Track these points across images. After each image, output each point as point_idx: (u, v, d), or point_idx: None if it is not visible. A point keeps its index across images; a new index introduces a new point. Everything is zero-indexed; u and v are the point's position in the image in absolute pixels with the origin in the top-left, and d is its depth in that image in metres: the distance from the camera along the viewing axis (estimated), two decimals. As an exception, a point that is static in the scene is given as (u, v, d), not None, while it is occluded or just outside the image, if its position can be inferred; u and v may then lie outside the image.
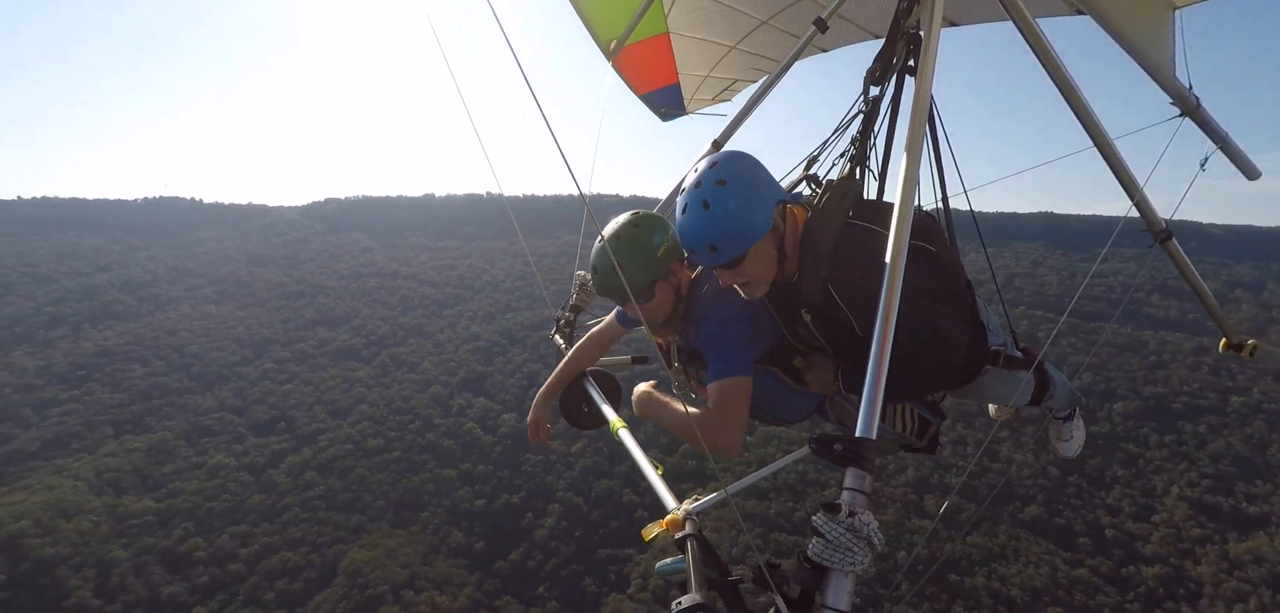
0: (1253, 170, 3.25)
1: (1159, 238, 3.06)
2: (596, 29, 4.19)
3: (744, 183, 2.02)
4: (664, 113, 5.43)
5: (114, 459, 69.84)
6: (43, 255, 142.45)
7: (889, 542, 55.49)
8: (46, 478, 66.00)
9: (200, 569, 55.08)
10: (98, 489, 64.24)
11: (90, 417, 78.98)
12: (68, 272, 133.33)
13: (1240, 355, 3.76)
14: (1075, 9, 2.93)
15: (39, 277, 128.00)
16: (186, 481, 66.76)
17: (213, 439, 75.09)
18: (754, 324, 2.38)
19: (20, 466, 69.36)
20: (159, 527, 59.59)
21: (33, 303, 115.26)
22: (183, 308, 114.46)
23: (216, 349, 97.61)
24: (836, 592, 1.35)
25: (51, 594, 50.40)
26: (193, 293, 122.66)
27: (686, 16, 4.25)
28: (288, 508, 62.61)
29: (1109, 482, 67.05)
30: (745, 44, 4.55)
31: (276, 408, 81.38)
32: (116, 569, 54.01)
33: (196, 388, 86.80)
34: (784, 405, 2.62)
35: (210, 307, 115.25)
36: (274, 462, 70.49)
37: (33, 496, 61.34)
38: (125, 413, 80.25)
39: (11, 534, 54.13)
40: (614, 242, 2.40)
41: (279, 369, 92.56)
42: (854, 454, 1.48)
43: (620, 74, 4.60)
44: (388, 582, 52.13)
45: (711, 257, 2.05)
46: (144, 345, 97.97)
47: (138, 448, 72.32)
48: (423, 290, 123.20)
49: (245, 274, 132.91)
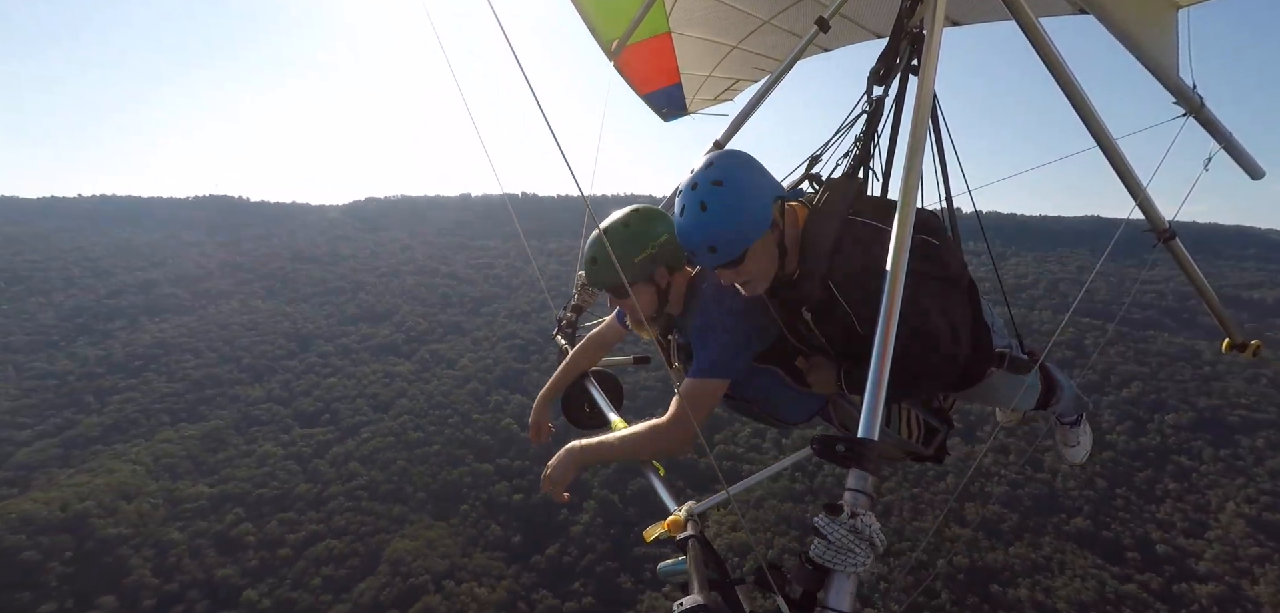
0: (1257, 170, 3.23)
1: (1162, 238, 3.06)
2: (598, 29, 4.17)
3: (740, 182, 2.03)
4: (666, 113, 5.40)
5: (170, 446, 72.90)
6: (102, 250, 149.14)
7: (928, 550, 54.77)
8: (108, 462, 69.24)
9: (251, 553, 57.17)
10: (155, 474, 67.16)
11: (148, 404, 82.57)
12: (125, 266, 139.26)
13: (1244, 356, 3.72)
14: (1078, 8, 2.92)
15: (99, 270, 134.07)
16: (237, 467, 69.28)
17: (261, 429, 77.78)
18: (751, 324, 2.36)
19: (84, 449, 72.97)
20: (212, 511, 61.99)
21: (93, 295, 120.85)
22: (233, 302, 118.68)
23: (264, 342, 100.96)
24: (839, 593, 1.36)
25: (114, 572, 52.93)
26: (242, 288, 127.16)
27: (688, 16, 4.23)
28: (333, 497, 64.49)
29: (1160, 495, 64.83)
30: (747, 44, 4.56)
31: (321, 400, 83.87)
32: (173, 550, 56.39)
33: (246, 379, 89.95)
34: (786, 406, 2.61)
35: (258, 301, 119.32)
36: (319, 452, 72.73)
37: (96, 478, 64.42)
38: (180, 402, 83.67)
39: (77, 514, 57.00)
40: (606, 235, 2.37)
41: (323, 363, 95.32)
42: (856, 455, 1.48)
43: (622, 74, 4.58)
44: (429, 572, 53.35)
45: (710, 257, 2.05)
46: (197, 337, 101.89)
47: (192, 435, 75.35)
48: (460, 288, 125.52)
49: (290, 270, 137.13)
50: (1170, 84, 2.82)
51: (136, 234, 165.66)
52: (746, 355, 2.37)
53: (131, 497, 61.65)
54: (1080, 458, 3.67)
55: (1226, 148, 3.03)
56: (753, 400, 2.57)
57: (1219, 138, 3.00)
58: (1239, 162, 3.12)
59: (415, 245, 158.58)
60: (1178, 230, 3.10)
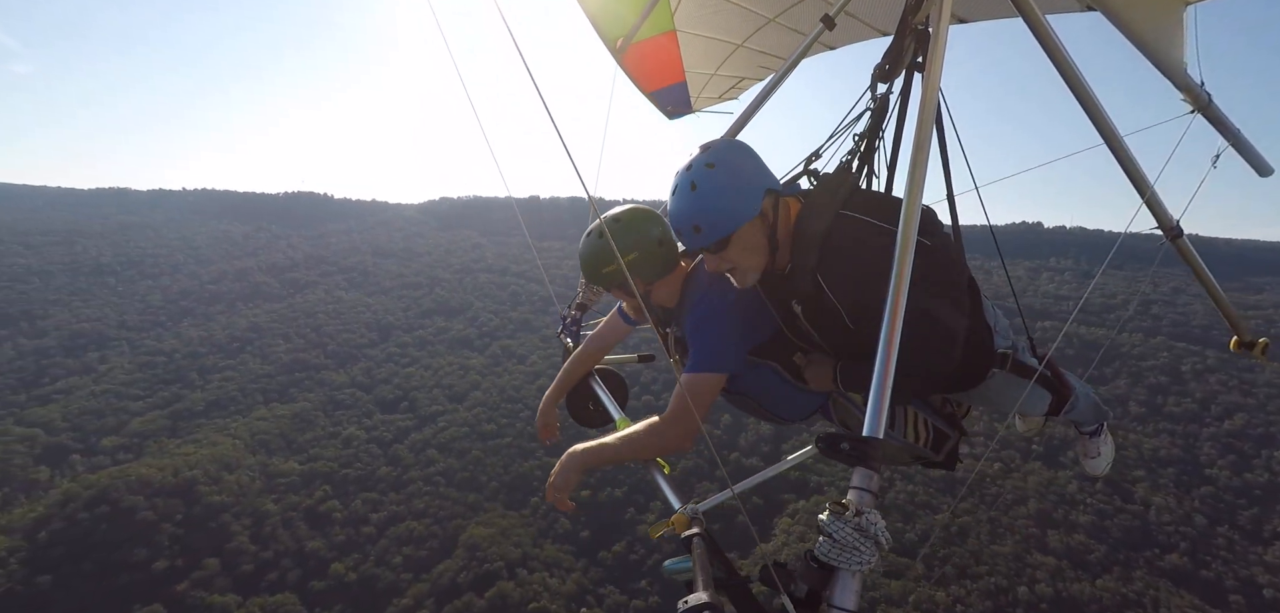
0: (1265, 167, 3.19)
1: (1170, 236, 3.02)
2: (603, 27, 4.17)
3: (733, 167, 2.04)
4: (670, 111, 5.37)
5: (264, 423, 78.04)
6: (203, 240, 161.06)
7: (1009, 576, 52.81)
8: (211, 435, 74.81)
9: (337, 528, 60.63)
10: (252, 448, 72.11)
11: (245, 383, 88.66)
12: (223, 255, 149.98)
13: (1252, 355, 3.64)
14: (1086, 5, 2.88)
15: (201, 259, 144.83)
16: (324, 447, 73.52)
17: (345, 412, 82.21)
18: (746, 317, 2.35)
19: (190, 422, 79.10)
20: (302, 486, 66.07)
21: (196, 281, 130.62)
22: (318, 292, 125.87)
23: (347, 331, 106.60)
24: (844, 591, 1.36)
25: (217, 537, 57.21)
26: (326, 278, 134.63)
27: (693, 14, 4.22)
28: (412, 481, 67.56)
29: (1268, 537, 60.19)
30: (752, 41, 4.52)
31: (400, 389, 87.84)
32: (268, 521, 60.44)
33: (331, 365, 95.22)
34: (785, 403, 2.57)
35: (341, 293, 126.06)
36: (399, 438, 76.31)
37: (201, 449, 69.71)
38: (273, 383, 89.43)
39: (186, 480, 61.88)
40: (598, 231, 2.41)
41: (402, 353, 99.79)
42: (861, 454, 1.49)
43: (627, 72, 4.57)
44: (503, 559, 55.19)
45: (696, 238, 2.05)
46: (287, 324, 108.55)
47: (284, 414, 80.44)
48: (529, 287, 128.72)
49: (370, 264, 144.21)
50: (1178, 81, 2.80)
51: (233, 225, 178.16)
52: (743, 349, 2.36)
53: (232, 468, 66.43)
54: (1102, 470, 3.50)
55: (1234, 145, 3.01)
56: (751, 396, 2.53)
57: (1227, 135, 2.98)
58: (1247, 159, 3.10)
59: (486, 244, 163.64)
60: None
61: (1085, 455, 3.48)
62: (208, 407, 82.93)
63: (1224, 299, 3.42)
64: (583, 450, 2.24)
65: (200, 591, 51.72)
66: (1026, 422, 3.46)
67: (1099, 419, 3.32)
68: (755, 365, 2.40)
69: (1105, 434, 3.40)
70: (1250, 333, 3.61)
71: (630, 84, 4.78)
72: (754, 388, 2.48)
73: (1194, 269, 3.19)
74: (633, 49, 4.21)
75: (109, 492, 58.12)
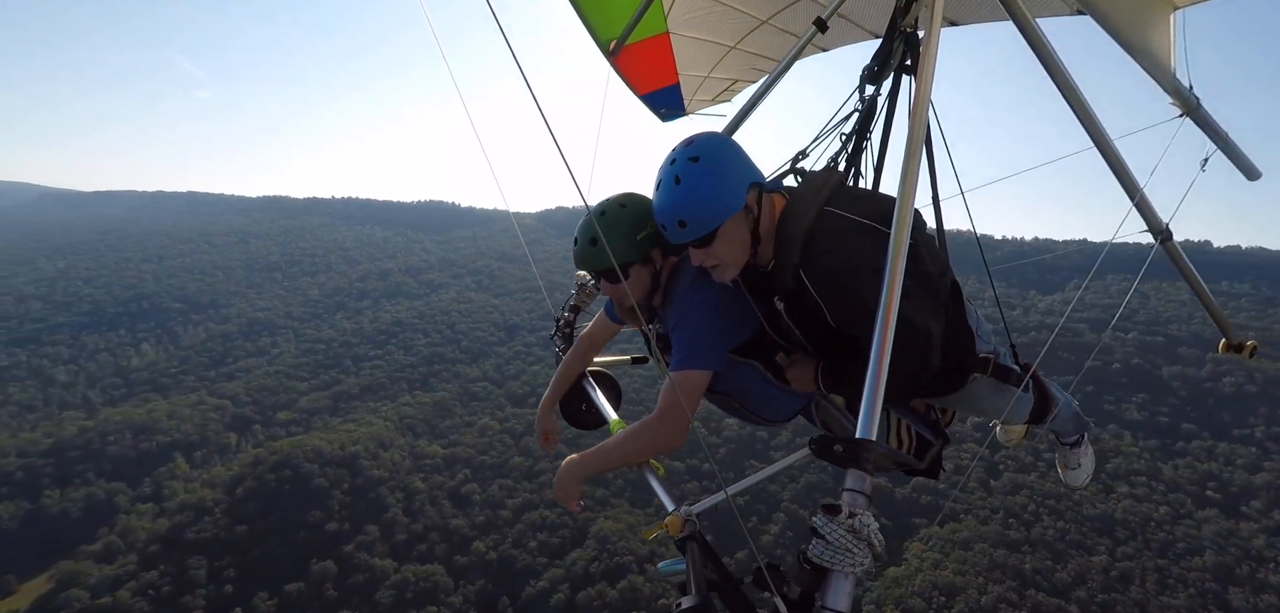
0: (1253, 171, 3.17)
1: (1159, 238, 2.99)
2: (596, 28, 4.10)
3: (717, 161, 2.00)
4: (664, 114, 5.27)
5: (410, 409, 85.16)
6: (350, 242, 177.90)
7: None
8: (365, 417, 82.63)
9: (477, 510, 65.07)
10: (401, 431, 78.90)
11: (392, 372, 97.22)
12: (367, 256, 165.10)
13: (1241, 356, 3.58)
14: (1075, 9, 2.88)
15: (349, 259, 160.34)
16: (463, 435, 79.07)
17: (480, 403, 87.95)
18: (729, 314, 2.31)
19: (347, 403, 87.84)
20: (445, 468, 71.47)
21: (346, 279, 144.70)
22: (451, 292, 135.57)
23: (479, 329, 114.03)
24: (836, 593, 1.35)
25: (377, 507, 63.24)
26: (457, 280, 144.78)
27: (686, 16, 4.16)
28: (543, 472, 71.17)
29: None
30: (745, 44, 4.47)
31: (528, 384, 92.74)
32: (417, 497, 66.01)
33: (465, 359, 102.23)
34: (767, 404, 2.48)
35: (471, 294, 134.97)
36: (529, 430, 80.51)
37: (359, 428, 77.20)
38: (415, 373, 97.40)
39: (351, 454, 68.89)
40: (597, 217, 2.35)
41: (527, 352, 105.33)
42: (854, 456, 1.47)
43: (620, 74, 4.48)
44: (632, 553, 56.98)
45: (680, 232, 2.01)
46: (425, 320, 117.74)
47: (426, 402, 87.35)
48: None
49: (496, 268, 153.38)
50: (1167, 84, 2.79)
51: (375, 230, 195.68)
52: (726, 345, 2.31)
53: (387, 447, 73.06)
54: (1082, 481, 3.44)
55: (1223, 149, 3.01)
56: (732, 395, 2.46)
57: (1215, 138, 2.97)
58: (1235, 162, 3.11)
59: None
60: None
61: (1064, 466, 3.46)
62: (361, 391, 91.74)
63: (1212, 302, 3.44)
64: (579, 461, 2.34)
65: (363, 554, 57.43)
66: (1008, 431, 3.47)
67: (1080, 430, 3.29)
68: (736, 364, 2.36)
69: (1086, 445, 3.38)
70: (1237, 335, 3.59)
71: (624, 87, 4.73)
72: (735, 387, 2.41)
73: (1182, 271, 3.19)
74: (625, 51, 4.16)
75: (291, 458, 66.02)
